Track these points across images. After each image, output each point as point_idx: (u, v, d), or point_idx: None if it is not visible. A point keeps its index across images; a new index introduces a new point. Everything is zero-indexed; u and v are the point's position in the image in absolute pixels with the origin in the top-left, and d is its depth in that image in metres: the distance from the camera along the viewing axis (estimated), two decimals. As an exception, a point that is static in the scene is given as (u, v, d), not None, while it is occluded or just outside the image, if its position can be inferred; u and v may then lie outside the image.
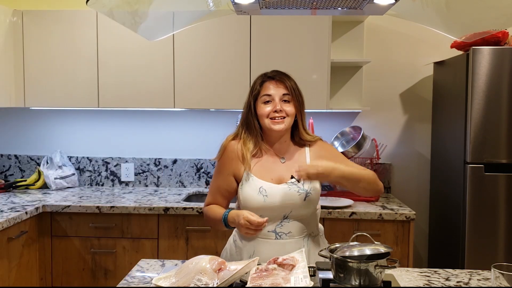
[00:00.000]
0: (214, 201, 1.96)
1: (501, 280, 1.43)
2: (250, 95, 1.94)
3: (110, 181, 3.55)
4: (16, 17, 3.15)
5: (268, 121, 1.88)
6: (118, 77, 3.12)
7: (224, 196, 1.95)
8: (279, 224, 1.87)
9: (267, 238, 1.87)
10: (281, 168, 1.91)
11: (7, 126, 3.61)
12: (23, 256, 2.71)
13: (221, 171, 1.94)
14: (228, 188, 1.93)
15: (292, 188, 1.86)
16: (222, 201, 1.96)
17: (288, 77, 1.93)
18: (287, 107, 1.88)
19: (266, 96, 1.89)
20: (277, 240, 1.87)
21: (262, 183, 1.87)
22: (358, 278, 1.52)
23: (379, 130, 3.41)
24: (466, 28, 2.03)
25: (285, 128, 1.89)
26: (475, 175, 2.69)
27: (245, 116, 1.95)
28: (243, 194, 1.88)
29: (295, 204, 1.85)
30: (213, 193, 1.97)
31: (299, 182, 1.86)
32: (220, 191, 1.95)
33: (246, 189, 1.88)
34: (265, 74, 1.95)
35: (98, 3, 1.69)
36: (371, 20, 3.36)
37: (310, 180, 1.82)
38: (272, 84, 1.90)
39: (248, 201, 1.87)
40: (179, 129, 3.52)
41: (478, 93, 2.66)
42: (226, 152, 1.93)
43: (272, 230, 1.87)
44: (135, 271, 1.81)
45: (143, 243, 2.88)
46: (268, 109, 1.87)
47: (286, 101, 1.89)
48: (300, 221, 1.88)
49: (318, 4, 1.71)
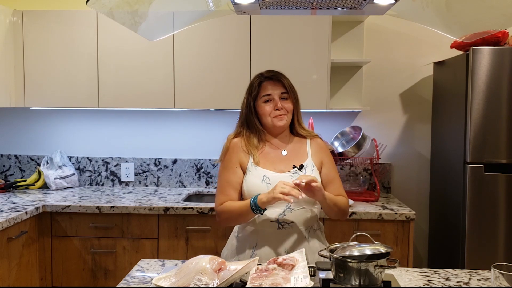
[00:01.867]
0: (227, 198, 1.97)
1: (501, 280, 1.43)
2: (249, 96, 2.00)
3: (110, 181, 3.55)
4: (16, 17, 3.15)
5: (271, 119, 1.97)
6: (118, 77, 3.12)
7: (236, 189, 1.97)
8: (282, 213, 1.90)
9: (270, 228, 1.91)
10: (282, 159, 1.99)
11: (7, 126, 3.61)
12: (23, 256, 2.71)
13: (228, 166, 1.98)
14: (239, 180, 1.97)
15: (295, 176, 1.91)
16: (234, 195, 1.97)
17: (284, 76, 2.02)
18: (286, 104, 1.98)
19: (266, 96, 1.97)
20: (280, 230, 1.91)
21: (266, 172, 1.93)
22: (358, 278, 1.53)
23: (379, 130, 3.41)
24: (466, 28, 2.03)
25: (287, 123, 1.99)
26: (475, 175, 2.69)
27: (245, 116, 2.02)
28: (247, 184, 1.93)
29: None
30: (224, 189, 1.97)
31: (301, 171, 1.93)
32: (231, 184, 1.97)
33: (250, 178, 1.93)
34: (261, 74, 2.02)
35: (98, 3, 1.69)
36: (371, 20, 3.36)
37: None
38: (270, 84, 1.98)
39: (251, 189, 1.91)
40: (179, 129, 3.52)
41: (478, 93, 2.66)
42: (230, 148, 2.00)
43: (275, 220, 1.91)
44: (135, 271, 1.81)
45: (143, 243, 2.88)
46: (270, 108, 1.96)
47: (285, 98, 1.98)
48: (302, 211, 1.92)
49: (318, 4, 1.71)
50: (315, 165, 2.00)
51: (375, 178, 3.18)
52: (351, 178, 3.35)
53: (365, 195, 3.15)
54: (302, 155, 2.01)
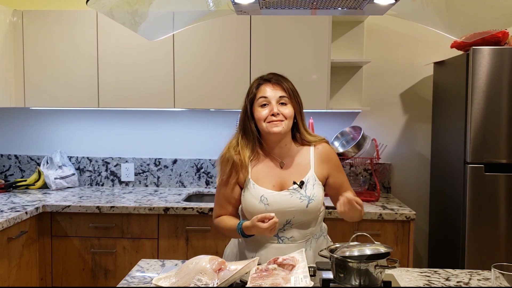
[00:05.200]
0: (223, 211, 1.94)
1: (501, 280, 1.43)
2: (246, 99, 1.89)
3: (110, 181, 3.55)
4: (16, 17, 3.15)
5: (266, 124, 1.83)
6: (118, 77, 3.12)
7: (232, 204, 1.93)
8: (281, 229, 1.86)
9: (270, 242, 1.87)
10: (281, 173, 1.88)
11: (7, 126, 3.61)
12: (23, 256, 2.71)
13: (225, 182, 1.91)
14: (236, 196, 1.91)
15: (294, 195, 1.84)
16: (231, 209, 1.94)
17: (285, 79, 1.89)
18: (285, 110, 1.83)
19: (262, 99, 1.84)
20: (279, 244, 1.87)
21: (263, 191, 1.85)
22: (358, 278, 1.53)
23: (379, 130, 3.41)
24: (466, 28, 2.03)
25: (283, 130, 1.83)
26: (475, 175, 2.69)
27: (241, 120, 1.91)
28: (245, 202, 1.88)
29: (297, 211, 1.83)
30: (221, 203, 1.94)
31: (301, 188, 1.84)
32: (228, 200, 1.92)
33: (248, 197, 1.87)
34: (261, 77, 1.91)
35: (98, 3, 1.69)
36: (371, 20, 3.35)
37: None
38: (268, 86, 1.86)
39: (249, 209, 1.87)
40: (179, 129, 3.52)
41: (478, 93, 2.66)
42: (226, 162, 1.89)
43: (275, 235, 1.86)
44: (135, 271, 1.81)
45: (143, 243, 2.88)
46: (265, 112, 1.82)
47: (283, 103, 1.84)
48: (302, 226, 1.87)
49: (318, 4, 1.71)
50: (318, 178, 1.87)
51: (375, 178, 3.19)
52: (351, 178, 3.35)
53: (365, 195, 3.15)
54: (304, 168, 1.88)
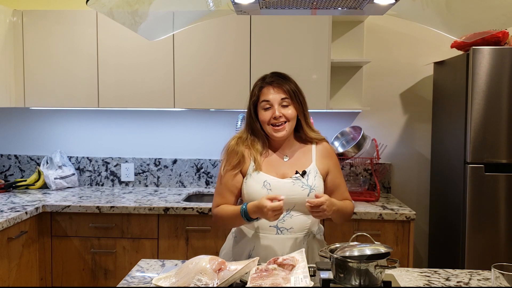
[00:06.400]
0: (224, 201, 1.96)
1: (501, 280, 1.43)
2: (250, 101, 1.97)
3: (110, 181, 3.55)
4: (16, 17, 3.15)
5: (270, 128, 1.91)
6: (118, 77, 3.12)
7: (233, 193, 1.95)
8: (281, 219, 1.88)
9: (268, 233, 1.89)
10: (284, 166, 1.95)
11: (7, 126, 3.61)
12: (23, 256, 2.71)
13: (228, 169, 1.95)
14: (237, 184, 1.94)
15: (296, 183, 1.89)
16: (231, 198, 1.96)
17: (287, 80, 1.94)
18: (287, 111, 1.90)
19: (265, 103, 1.91)
20: (278, 235, 1.89)
21: (267, 177, 1.90)
22: (358, 278, 1.53)
23: (379, 130, 3.41)
24: (466, 28, 2.03)
25: (286, 134, 1.92)
26: (475, 175, 2.69)
27: (248, 121, 1.99)
28: (248, 188, 1.91)
29: (298, 199, 1.87)
30: (222, 192, 1.96)
31: (303, 177, 1.89)
32: (229, 188, 1.95)
33: (251, 183, 1.91)
34: (263, 79, 1.96)
35: (98, 3, 1.69)
36: (371, 20, 3.35)
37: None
38: (270, 89, 1.92)
39: (252, 194, 1.89)
40: (179, 129, 3.52)
41: (478, 93, 2.66)
42: (232, 150, 1.95)
43: (274, 225, 1.88)
44: (135, 271, 1.81)
45: (143, 243, 2.88)
46: (268, 116, 1.90)
47: (285, 105, 1.91)
48: (302, 218, 1.90)
49: (318, 4, 1.71)
50: (319, 171, 1.95)
51: (375, 178, 3.19)
52: (351, 178, 3.35)
53: (365, 195, 3.15)
54: (306, 160, 1.95)
